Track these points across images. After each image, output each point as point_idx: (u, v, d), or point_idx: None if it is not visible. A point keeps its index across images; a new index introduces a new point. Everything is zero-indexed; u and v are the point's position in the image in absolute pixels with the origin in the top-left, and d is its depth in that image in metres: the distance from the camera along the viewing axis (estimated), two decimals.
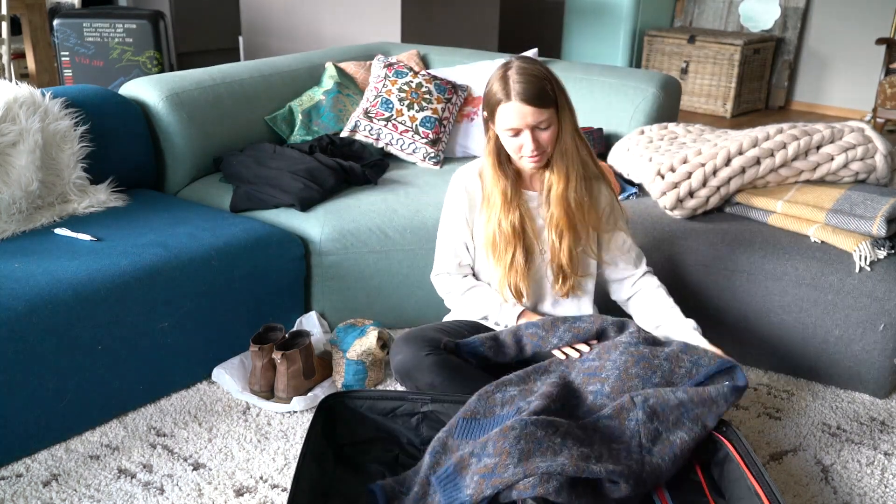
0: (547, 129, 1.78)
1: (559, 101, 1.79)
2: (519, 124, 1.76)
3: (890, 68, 5.10)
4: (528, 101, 1.73)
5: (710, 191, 2.33)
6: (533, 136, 1.77)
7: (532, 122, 1.76)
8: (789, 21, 5.88)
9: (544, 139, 1.79)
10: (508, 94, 1.75)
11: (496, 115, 1.79)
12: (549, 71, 1.80)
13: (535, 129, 1.77)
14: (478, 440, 1.60)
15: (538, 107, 1.74)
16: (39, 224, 2.19)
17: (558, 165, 1.85)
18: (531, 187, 1.93)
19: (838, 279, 2.13)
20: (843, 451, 1.96)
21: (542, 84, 1.75)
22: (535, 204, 1.92)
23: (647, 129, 2.72)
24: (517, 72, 1.76)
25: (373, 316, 2.40)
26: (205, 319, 2.11)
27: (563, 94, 1.81)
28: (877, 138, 2.35)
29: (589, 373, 1.76)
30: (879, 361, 2.13)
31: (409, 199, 2.49)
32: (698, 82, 5.85)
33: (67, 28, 3.98)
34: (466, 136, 2.99)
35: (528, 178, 1.93)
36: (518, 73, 1.75)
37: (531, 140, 1.77)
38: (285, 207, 2.43)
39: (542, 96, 1.74)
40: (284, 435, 1.95)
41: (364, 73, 3.15)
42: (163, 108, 2.59)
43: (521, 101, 1.74)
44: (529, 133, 1.77)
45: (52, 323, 1.80)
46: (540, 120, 1.76)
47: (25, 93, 2.26)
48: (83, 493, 1.73)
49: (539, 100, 1.74)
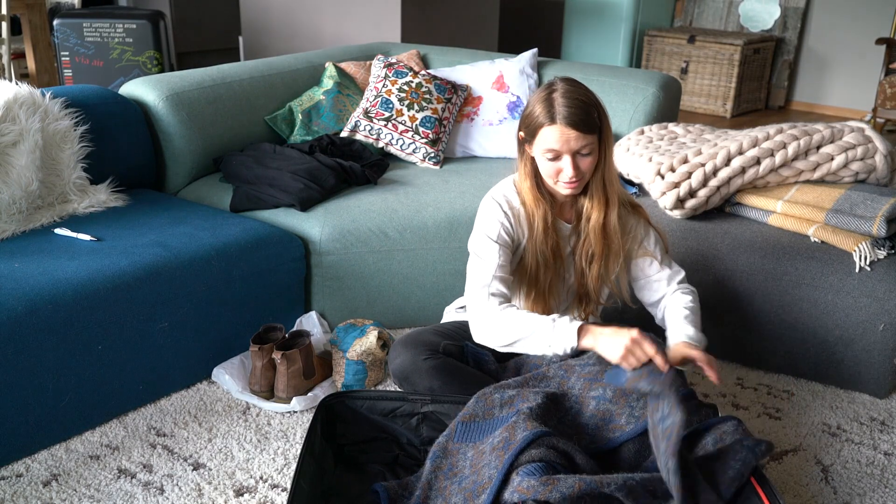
0: (588, 156, 1.73)
1: (603, 127, 1.74)
2: (561, 148, 1.70)
3: (890, 68, 5.10)
4: (574, 125, 1.68)
5: (710, 191, 2.32)
6: (573, 161, 1.72)
7: (574, 147, 1.70)
8: (789, 21, 5.88)
9: (584, 166, 1.73)
10: (553, 117, 1.69)
11: (537, 137, 1.73)
12: (595, 96, 1.75)
13: (576, 155, 1.72)
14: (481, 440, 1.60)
15: (583, 132, 1.69)
16: (39, 224, 2.19)
17: (598, 194, 1.79)
18: (562, 216, 1.88)
19: (838, 279, 2.13)
20: (843, 451, 1.95)
21: (589, 109, 1.70)
22: (566, 233, 1.88)
23: (647, 129, 2.72)
24: (563, 95, 1.70)
25: (373, 316, 2.40)
26: (205, 319, 2.11)
27: (607, 121, 1.76)
28: (877, 138, 2.35)
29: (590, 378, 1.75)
30: (879, 361, 2.13)
31: (409, 199, 2.49)
32: (698, 82, 5.85)
33: (67, 28, 3.98)
34: (466, 136, 2.99)
35: (560, 208, 1.88)
36: (564, 96, 1.70)
37: (571, 165, 1.71)
38: (285, 207, 2.43)
39: (588, 122, 1.69)
40: (284, 435, 1.95)
41: (364, 73, 3.15)
42: (163, 108, 2.59)
43: (567, 125, 1.68)
44: (570, 158, 1.71)
45: (52, 323, 1.80)
46: (582, 145, 1.70)
47: (25, 93, 2.26)
48: (83, 493, 1.73)
49: (584, 125, 1.69)
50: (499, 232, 1.81)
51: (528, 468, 1.48)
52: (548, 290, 1.86)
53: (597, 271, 1.85)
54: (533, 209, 1.81)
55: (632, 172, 2.54)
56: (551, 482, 1.43)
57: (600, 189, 1.79)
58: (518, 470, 1.49)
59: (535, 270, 1.84)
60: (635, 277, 1.94)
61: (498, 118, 2.99)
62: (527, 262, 1.84)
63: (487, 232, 1.81)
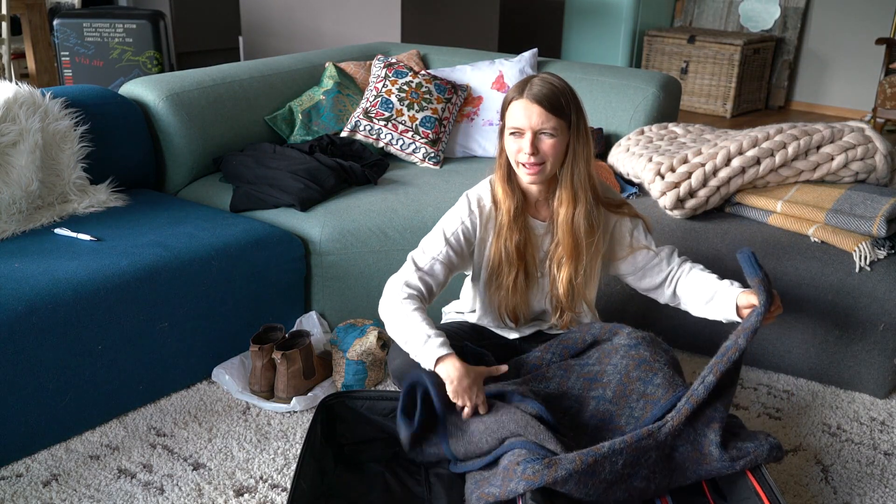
0: (551, 139, 1.73)
1: (573, 118, 1.76)
2: (523, 124, 1.73)
3: (890, 68, 5.10)
4: (538, 101, 1.71)
5: (710, 191, 2.32)
6: (533, 139, 1.73)
7: (536, 123, 1.72)
8: (789, 21, 5.88)
9: (545, 148, 1.74)
10: (522, 92, 1.73)
11: (506, 115, 1.77)
12: (572, 89, 1.77)
13: (537, 134, 1.73)
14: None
15: (547, 110, 1.71)
16: (39, 224, 2.19)
17: (567, 189, 1.80)
18: (537, 215, 1.88)
19: (838, 279, 2.13)
20: (843, 451, 1.95)
21: (557, 92, 1.73)
22: (541, 232, 1.87)
23: (647, 129, 2.72)
24: (539, 79, 1.75)
25: (373, 316, 2.40)
26: (205, 319, 2.11)
27: (580, 116, 1.77)
28: (877, 138, 2.35)
29: (589, 378, 1.75)
30: (879, 361, 2.13)
31: (409, 199, 2.49)
32: (698, 82, 5.85)
33: (67, 28, 3.98)
34: (466, 136, 2.99)
35: (535, 205, 1.87)
36: (539, 79, 1.75)
37: (529, 143, 1.73)
38: (285, 207, 2.43)
39: (554, 102, 1.72)
40: (284, 435, 1.95)
41: (364, 73, 3.15)
42: (163, 108, 2.59)
43: (532, 100, 1.71)
44: (531, 135, 1.73)
45: (52, 323, 1.80)
46: (545, 124, 1.72)
47: (25, 93, 2.26)
48: (83, 493, 1.73)
49: (549, 104, 1.71)
50: (455, 230, 1.83)
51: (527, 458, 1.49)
52: (510, 288, 1.84)
53: (566, 276, 1.83)
54: (501, 203, 1.82)
55: (632, 172, 2.54)
56: (553, 463, 1.48)
57: (569, 185, 1.79)
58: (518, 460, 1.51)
59: (497, 266, 1.84)
60: (629, 272, 1.95)
61: (498, 118, 2.99)
62: (491, 258, 1.85)
63: (445, 227, 1.85)
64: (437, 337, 1.67)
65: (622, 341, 1.79)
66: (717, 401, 1.63)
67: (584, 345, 1.84)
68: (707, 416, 1.62)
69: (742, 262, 1.74)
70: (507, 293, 1.86)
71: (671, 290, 1.93)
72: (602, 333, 1.84)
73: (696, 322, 1.94)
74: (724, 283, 1.83)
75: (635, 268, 1.93)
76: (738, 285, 1.81)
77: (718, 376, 1.62)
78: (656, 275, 1.93)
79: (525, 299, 1.88)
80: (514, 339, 1.96)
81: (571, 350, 1.83)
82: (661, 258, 1.93)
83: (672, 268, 1.93)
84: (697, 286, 1.87)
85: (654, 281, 1.94)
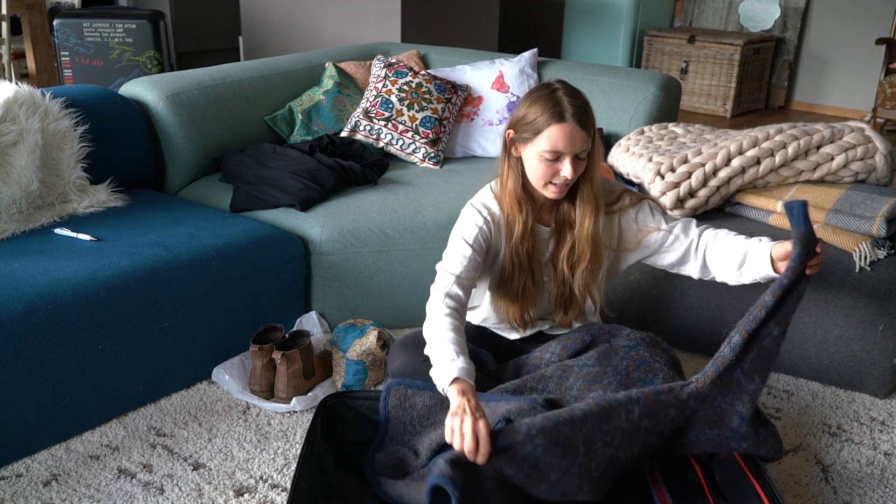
0: (583, 160, 1.72)
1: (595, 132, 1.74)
2: (565, 148, 1.67)
3: (890, 68, 5.10)
4: (582, 125, 1.67)
5: (710, 191, 2.32)
6: (573, 163, 1.69)
7: (578, 148, 1.68)
8: (789, 21, 5.88)
9: (579, 168, 1.71)
10: (562, 115, 1.66)
11: (539, 136, 1.69)
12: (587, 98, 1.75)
13: (575, 157, 1.70)
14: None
15: (586, 133, 1.68)
16: (39, 224, 2.19)
17: (588, 199, 1.77)
18: (541, 220, 1.86)
19: (838, 279, 2.13)
20: (843, 451, 1.96)
21: (588, 109, 1.69)
22: (545, 237, 1.86)
23: (647, 129, 2.72)
24: (568, 94, 1.68)
25: (373, 316, 2.40)
26: (205, 319, 2.11)
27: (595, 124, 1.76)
28: (877, 138, 2.35)
29: (588, 379, 1.75)
30: (879, 361, 2.13)
31: (409, 199, 2.49)
32: (698, 82, 5.85)
33: (67, 28, 3.98)
34: (466, 136, 3.00)
35: (539, 211, 1.86)
36: (568, 99, 1.67)
37: (571, 166, 1.68)
38: (285, 207, 2.43)
39: (589, 122, 1.69)
40: (284, 435, 1.95)
41: (364, 73, 3.15)
42: (163, 108, 2.59)
43: (577, 123, 1.66)
44: (570, 160, 1.69)
45: (52, 323, 1.80)
46: (584, 145, 1.69)
47: (25, 93, 2.26)
48: (83, 493, 1.73)
49: (587, 125, 1.68)
50: (475, 236, 1.78)
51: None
52: (521, 293, 1.83)
53: (582, 276, 1.82)
54: (513, 212, 1.78)
55: (632, 172, 2.54)
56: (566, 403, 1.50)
57: (590, 194, 1.77)
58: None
59: (510, 273, 1.82)
60: (646, 255, 1.90)
61: (498, 118, 2.99)
62: (503, 266, 1.83)
63: (464, 234, 1.79)
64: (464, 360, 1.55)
65: (621, 342, 1.79)
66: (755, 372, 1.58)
67: (582, 345, 1.84)
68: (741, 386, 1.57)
69: (789, 214, 1.64)
70: (516, 297, 1.84)
71: (699, 263, 1.87)
72: (601, 334, 1.84)
73: (696, 322, 1.94)
74: (753, 240, 1.77)
75: (651, 250, 1.89)
76: (769, 239, 1.75)
77: (745, 336, 1.56)
78: (676, 249, 1.87)
79: (533, 302, 1.87)
80: (514, 340, 1.97)
81: (570, 350, 1.83)
82: (676, 233, 1.87)
83: (692, 239, 1.86)
84: (725, 252, 1.80)
85: (675, 256, 1.88)
